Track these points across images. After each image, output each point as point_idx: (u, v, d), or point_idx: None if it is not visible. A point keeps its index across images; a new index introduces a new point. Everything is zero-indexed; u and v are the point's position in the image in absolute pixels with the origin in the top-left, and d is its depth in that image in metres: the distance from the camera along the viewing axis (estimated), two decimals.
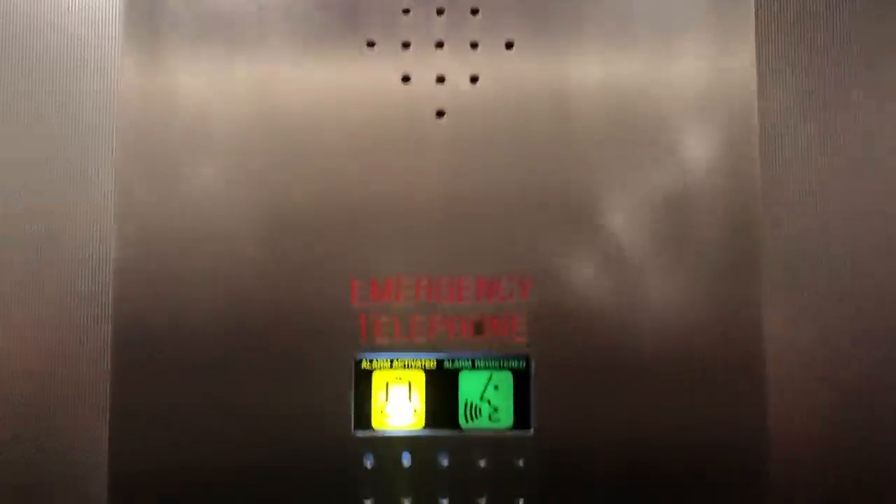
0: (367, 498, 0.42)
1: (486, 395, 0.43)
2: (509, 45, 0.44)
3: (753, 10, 0.45)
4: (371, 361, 0.43)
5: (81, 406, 0.43)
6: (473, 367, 0.43)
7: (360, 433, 0.42)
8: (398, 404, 0.42)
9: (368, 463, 0.42)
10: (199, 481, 0.41)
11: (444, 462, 0.42)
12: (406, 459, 0.42)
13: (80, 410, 0.43)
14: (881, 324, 0.45)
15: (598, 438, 0.42)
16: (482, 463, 0.42)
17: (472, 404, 0.43)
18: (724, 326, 0.43)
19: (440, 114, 0.44)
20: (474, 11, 0.44)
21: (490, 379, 0.43)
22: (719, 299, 0.43)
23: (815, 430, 0.45)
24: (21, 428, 0.43)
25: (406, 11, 0.44)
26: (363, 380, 0.42)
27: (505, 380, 0.43)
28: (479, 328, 0.43)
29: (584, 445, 0.42)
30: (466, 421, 0.42)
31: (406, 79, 0.44)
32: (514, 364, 0.43)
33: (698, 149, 0.44)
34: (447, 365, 0.43)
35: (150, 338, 0.42)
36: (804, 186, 0.46)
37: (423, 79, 0.44)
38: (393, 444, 0.42)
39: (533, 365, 0.43)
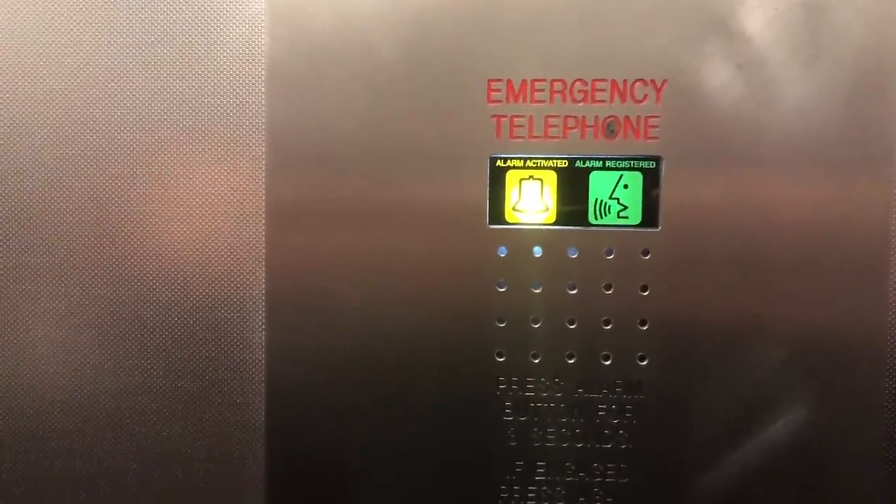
0: (500, 284, 0.45)
1: (616, 194, 0.44)
2: None
3: None
4: (506, 160, 0.45)
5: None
6: (604, 167, 0.44)
7: (494, 227, 0.45)
8: (531, 201, 0.45)
9: (502, 253, 0.45)
10: (346, 270, 0.46)
11: (574, 255, 0.45)
12: (537, 251, 0.45)
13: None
14: None
15: (722, 239, 0.44)
16: (610, 257, 0.45)
17: (601, 202, 0.44)
18: (858, 134, 0.43)
19: None
20: None
21: (620, 179, 0.44)
22: (856, 108, 0.43)
23: None
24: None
25: None
26: (497, 177, 0.45)
27: (635, 180, 0.44)
28: (611, 130, 0.44)
29: (709, 242, 0.44)
30: (596, 218, 0.45)
31: None
32: (645, 165, 0.44)
33: None
34: (579, 164, 0.44)
35: (297, 136, 0.45)
36: None
37: None
38: (525, 237, 0.45)
39: (663, 166, 0.44)
